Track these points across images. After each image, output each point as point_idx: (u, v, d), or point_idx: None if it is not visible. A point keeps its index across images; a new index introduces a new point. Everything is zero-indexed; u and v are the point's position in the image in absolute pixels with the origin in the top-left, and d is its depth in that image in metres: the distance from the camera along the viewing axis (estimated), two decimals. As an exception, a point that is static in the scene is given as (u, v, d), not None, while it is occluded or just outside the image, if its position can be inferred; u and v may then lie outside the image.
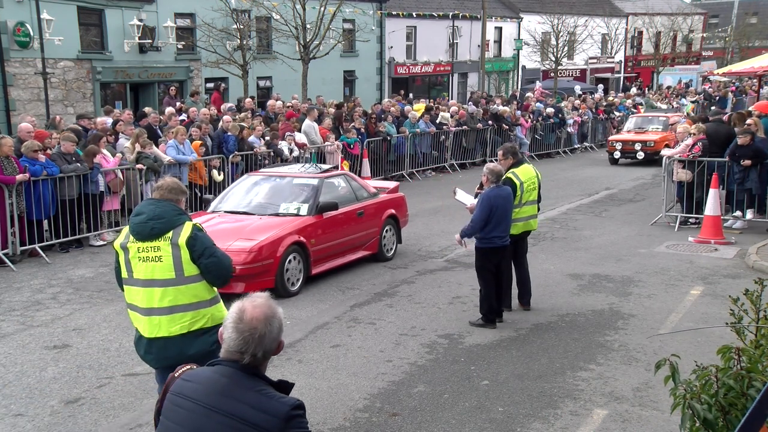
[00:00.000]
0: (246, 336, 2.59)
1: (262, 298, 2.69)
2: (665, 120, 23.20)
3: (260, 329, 2.61)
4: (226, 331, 2.64)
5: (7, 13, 21.55)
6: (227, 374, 2.61)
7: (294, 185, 10.60)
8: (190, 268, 4.70)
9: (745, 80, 38.81)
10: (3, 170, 10.64)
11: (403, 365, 7.00)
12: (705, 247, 11.70)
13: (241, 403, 2.55)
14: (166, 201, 4.81)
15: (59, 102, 23.13)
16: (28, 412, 6.11)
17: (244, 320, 2.61)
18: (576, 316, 8.43)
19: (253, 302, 2.66)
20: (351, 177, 11.36)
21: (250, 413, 2.53)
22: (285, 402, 2.60)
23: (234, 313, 2.64)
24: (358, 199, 10.80)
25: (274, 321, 2.66)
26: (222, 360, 2.65)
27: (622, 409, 6.04)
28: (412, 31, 37.36)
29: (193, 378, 2.69)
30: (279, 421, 2.53)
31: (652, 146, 22.04)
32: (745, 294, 3.31)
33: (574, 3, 44.81)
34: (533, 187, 8.65)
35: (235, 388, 2.58)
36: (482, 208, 7.86)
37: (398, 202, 11.71)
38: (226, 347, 2.63)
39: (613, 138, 23.97)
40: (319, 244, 9.78)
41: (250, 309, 2.63)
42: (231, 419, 2.53)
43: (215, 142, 14.62)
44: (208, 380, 2.62)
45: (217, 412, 2.55)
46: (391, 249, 11.23)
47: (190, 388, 2.65)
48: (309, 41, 24.52)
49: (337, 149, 16.94)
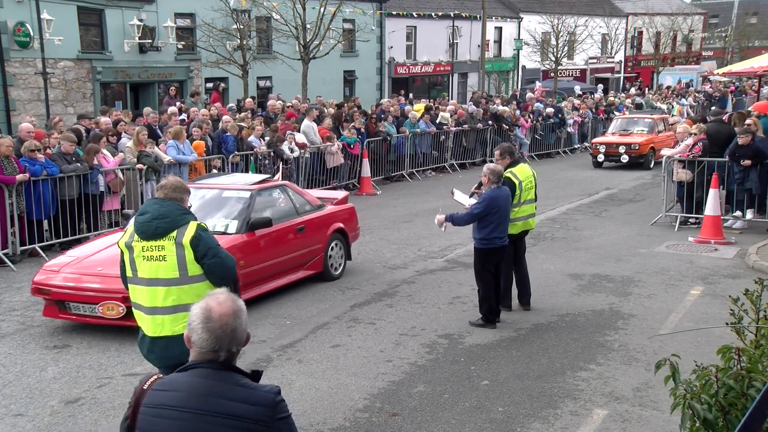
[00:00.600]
0: (219, 333, 2.59)
1: (224, 295, 2.70)
2: (651, 122, 22.86)
3: (231, 324, 2.62)
4: (194, 334, 2.62)
5: (7, 13, 21.55)
6: (207, 375, 2.60)
7: (223, 199, 9.36)
8: (194, 267, 4.71)
9: (745, 80, 38.81)
10: (3, 170, 10.64)
11: (403, 365, 7.01)
12: (705, 247, 11.70)
13: (228, 401, 2.56)
14: (171, 200, 4.82)
15: (59, 102, 23.14)
16: (28, 412, 6.11)
17: (213, 318, 2.61)
18: (576, 316, 8.43)
19: (217, 300, 2.66)
20: (291, 188, 10.20)
21: (240, 408, 2.55)
22: (268, 390, 2.63)
23: (200, 314, 2.63)
24: (299, 213, 9.69)
25: (241, 314, 2.68)
26: (196, 363, 2.63)
27: (622, 409, 6.04)
28: (412, 31, 37.36)
29: (170, 386, 2.63)
30: (268, 409, 2.57)
31: (636, 149, 21.57)
32: (745, 294, 3.31)
33: (574, 3, 44.81)
34: (531, 186, 8.66)
35: (219, 387, 2.58)
36: (484, 206, 7.85)
37: (347, 214, 10.66)
38: (199, 349, 2.62)
39: (597, 140, 23.16)
40: (249, 266, 8.59)
41: (216, 306, 2.63)
42: (222, 418, 2.54)
43: (215, 142, 14.63)
44: (189, 385, 2.59)
45: (207, 414, 2.54)
46: (338, 267, 10.20)
47: (170, 396, 2.59)
48: (309, 41, 24.53)
49: (338, 149, 16.94)
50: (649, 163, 21.62)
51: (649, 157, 21.63)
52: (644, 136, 21.99)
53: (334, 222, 10.22)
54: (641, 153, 21.48)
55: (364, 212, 15.08)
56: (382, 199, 16.86)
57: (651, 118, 23.34)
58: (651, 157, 21.64)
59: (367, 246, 12.06)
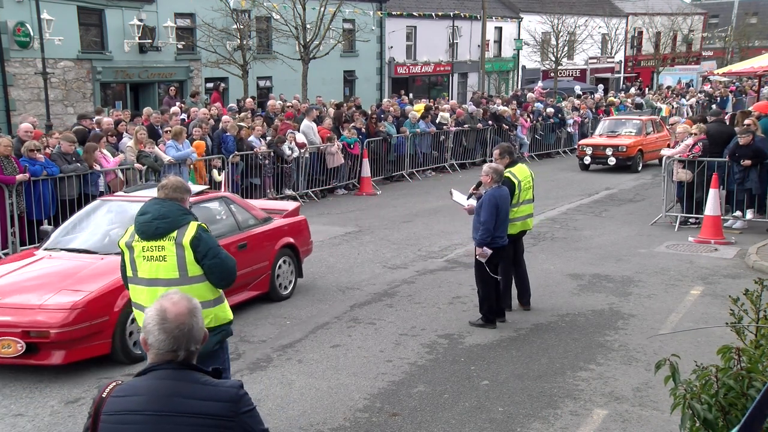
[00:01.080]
0: (176, 333, 2.59)
1: (177, 295, 2.70)
2: (639, 124, 22.13)
3: (188, 323, 2.62)
4: (151, 336, 2.60)
5: (7, 13, 21.56)
6: (168, 376, 2.58)
7: None
8: (194, 268, 4.71)
9: (745, 80, 38.82)
10: (3, 170, 10.64)
11: (403, 365, 7.01)
12: (705, 247, 11.70)
13: (192, 399, 2.55)
14: (171, 200, 4.82)
15: (59, 102, 23.14)
16: (28, 412, 6.11)
17: (169, 319, 2.60)
18: (576, 316, 8.43)
19: (171, 300, 2.66)
20: (233, 200, 9.10)
21: (203, 406, 2.54)
22: (230, 385, 2.63)
23: (154, 316, 2.61)
24: (241, 228, 8.69)
25: (197, 312, 2.68)
26: (154, 365, 2.61)
27: (622, 409, 6.04)
28: (412, 31, 37.37)
29: (130, 391, 2.60)
30: (231, 404, 2.56)
31: (624, 151, 20.87)
32: (745, 294, 3.31)
33: (574, 3, 44.82)
34: (529, 186, 8.67)
35: (181, 387, 2.57)
36: (490, 209, 7.81)
37: (297, 227, 9.76)
38: (156, 350, 2.60)
39: (583, 142, 22.25)
40: None
41: (171, 307, 2.62)
42: (187, 417, 2.53)
43: (215, 142, 14.63)
44: (150, 388, 2.57)
45: (172, 415, 2.53)
46: (288, 286, 9.32)
47: (131, 401, 2.57)
48: (309, 41, 24.54)
49: (338, 149, 16.95)
50: (637, 165, 21.06)
51: (637, 160, 21.10)
52: (632, 138, 21.34)
53: (282, 237, 9.32)
54: (629, 155, 20.87)
55: (364, 212, 15.10)
56: (382, 199, 16.86)
57: (639, 120, 22.63)
58: (639, 160, 21.16)
59: (367, 246, 12.06)
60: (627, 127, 22.20)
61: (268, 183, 15.58)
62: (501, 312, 8.30)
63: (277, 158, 15.53)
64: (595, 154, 21.18)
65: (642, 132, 21.66)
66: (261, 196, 15.53)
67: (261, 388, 6.51)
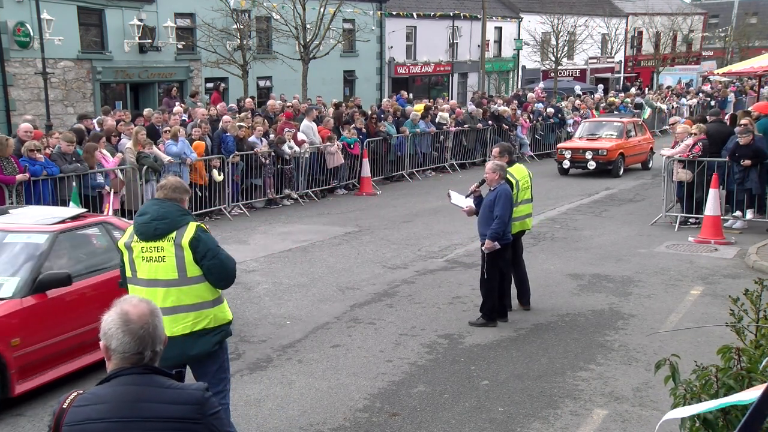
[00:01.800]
0: (141, 333, 2.56)
1: (135, 298, 2.69)
2: (620, 126, 20.92)
3: (151, 322, 2.60)
4: (114, 340, 2.56)
5: (7, 13, 21.56)
6: (132, 381, 2.55)
7: (6, 245, 6.68)
8: (193, 269, 4.71)
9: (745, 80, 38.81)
10: (3, 170, 10.64)
11: (403, 365, 7.01)
12: (705, 247, 11.70)
13: (157, 404, 2.53)
14: (170, 201, 4.81)
15: (59, 102, 23.14)
16: (28, 412, 6.11)
17: (133, 320, 2.57)
18: (576, 316, 8.43)
19: (131, 303, 2.64)
20: (116, 225, 7.39)
21: (170, 410, 2.52)
22: (196, 388, 2.62)
23: (116, 320, 2.57)
24: None
25: (158, 313, 2.66)
26: (118, 371, 2.57)
27: (622, 409, 6.04)
28: (412, 31, 37.36)
29: (93, 400, 2.55)
30: (198, 407, 2.56)
31: (604, 155, 19.78)
32: (745, 294, 3.31)
33: (574, 3, 44.82)
34: (527, 185, 8.67)
35: (147, 392, 2.54)
36: (506, 202, 7.83)
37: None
38: (121, 354, 2.56)
39: (562, 145, 21.06)
40: (31, 343, 6.17)
41: (131, 309, 2.60)
42: (153, 423, 2.51)
43: (215, 142, 14.63)
44: (115, 394, 2.53)
45: (139, 420, 2.50)
46: None
47: (95, 410, 2.51)
48: (309, 41, 24.54)
49: (338, 149, 16.95)
50: (618, 169, 19.98)
51: (618, 164, 20.02)
52: (613, 141, 20.18)
53: None
54: (609, 159, 19.78)
55: (364, 212, 15.10)
56: (382, 199, 16.86)
57: (620, 122, 21.38)
58: (620, 164, 20.10)
59: (367, 246, 12.06)
60: (608, 129, 21.15)
61: (268, 183, 15.59)
62: (503, 311, 8.31)
63: (278, 158, 15.53)
64: (574, 158, 20.17)
65: (623, 134, 20.65)
66: (262, 196, 15.55)
67: (261, 388, 6.51)
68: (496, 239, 7.82)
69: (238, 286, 9.39)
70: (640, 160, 21.42)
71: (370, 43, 33.28)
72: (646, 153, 21.60)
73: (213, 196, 14.41)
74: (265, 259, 11.21)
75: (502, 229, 7.82)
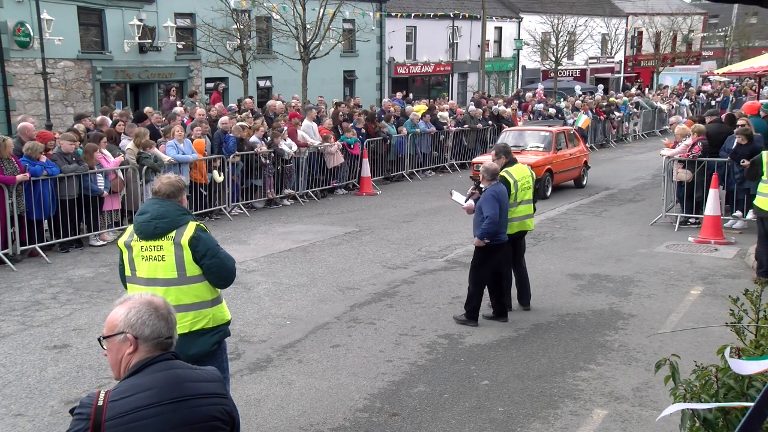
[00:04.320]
0: (170, 318, 2.74)
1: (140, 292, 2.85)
2: (548, 137, 17.35)
3: (172, 310, 2.79)
4: (147, 328, 2.67)
5: (7, 13, 21.56)
6: (169, 366, 2.69)
7: None
8: (193, 268, 4.70)
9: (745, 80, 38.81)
10: (3, 170, 10.64)
11: (403, 365, 7.01)
12: (705, 247, 11.70)
13: (198, 383, 2.69)
14: (170, 200, 4.81)
15: (59, 102, 23.14)
16: (28, 412, 6.11)
17: (160, 306, 2.74)
18: (576, 316, 8.43)
19: (143, 295, 2.79)
20: None
21: (207, 387, 2.71)
22: (211, 368, 2.86)
23: (145, 309, 2.70)
24: None
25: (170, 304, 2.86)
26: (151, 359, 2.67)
27: (622, 409, 6.04)
28: (412, 31, 37.37)
29: (133, 390, 2.59)
30: (221, 384, 2.78)
31: None
32: (745, 294, 3.31)
33: (574, 3, 44.82)
34: (528, 186, 8.66)
35: (185, 373, 2.70)
36: (491, 202, 7.89)
37: None
38: (155, 340, 2.68)
39: (477, 160, 17.16)
40: None
41: (151, 298, 2.76)
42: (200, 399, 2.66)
43: (215, 142, 14.62)
44: (157, 380, 2.62)
45: (187, 398, 2.63)
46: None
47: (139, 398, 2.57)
48: (309, 41, 24.55)
49: (338, 149, 16.95)
50: (544, 190, 16.29)
51: (546, 183, 16.42)
52: (539, 155, 16.59)
53: None
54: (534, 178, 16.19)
55: (364, 212, 15.10)
56: (382, 199, 16.86)
57: (548, 131, 17.65)
58: (548, 183, 16.58)
59: (367, 246, 12.06)
60: (533, 140, 17.57)
61: (269, 183, 15.58)
62: (503, 311, 8.32)
63: (278, 159, 15.53)
64: None
65: (551, 147, 17.08)
66: (262, 196, 15.55)
67: (261, 388, 6.51)
68: (485, 236, 7.91)
69: (238, 286, 9.39)
70: (572, 176, 18.05)
71: (370, 43, 33.29)
72: (580, 168, 18.18)
73: (213, 196, 14.40)
74: (265, 259, 11.21)
75: (493, 228, 7.88)
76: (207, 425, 2.65)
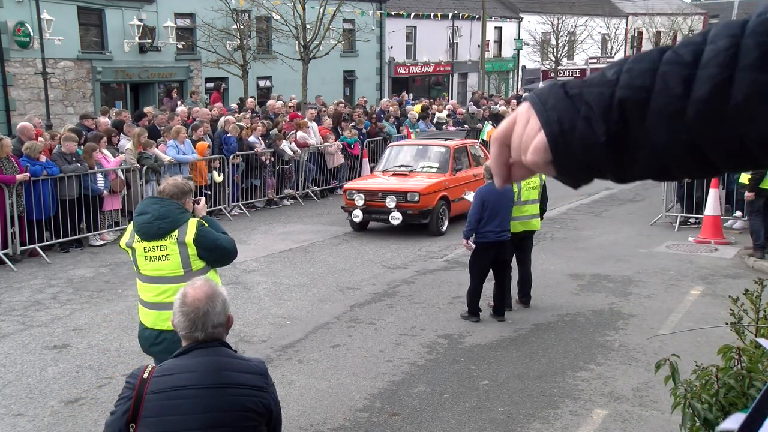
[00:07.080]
0: (192, 316, 2.81)
1: (201, 280, 2.96)
2: (444, 153, 13.42)
3: (202, 308, 2.83)
4: (175, 318, 2.85)
5: (7, 13, 21.55)
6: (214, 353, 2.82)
7: None
8: (198, 263, 4.79)
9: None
10: (3, 170, 10.64)
11: (403, 365, 7.00)
12: (705, 247, 11.70)
13: (237, 372, 2.81)
14: (170, 200, 4.83)
15: (59, 102, 23.13)
16: (28, 412, 6.11)
17: (187, 302, 2.84)
18: (576, 316, 8.43)
19: (193, 285, 2.90)
20: None
21: (246, 378, 2.83)
22: (257, 359, 3.00)
23: (178, 299, 2.86)
24: None
25: (216, 297, 2.89)
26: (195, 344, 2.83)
27: (622, 409, 6.04)
28: (412, 31, 37.36)
29: (176, 369, 2.78)
30: (264, 377, 2.92)
31: (416, 202, 12.38)
32: (745, 294, 3.31)
33: (574, 3, 44.83)
34: (533, 186, 8.65)
35: (225, 362, 2.82)
36: (474, 205, 8.12)
37: None
38: (178, 331, 2.86)
39: (351, 185, 13.41)
40: None
41: (191, 291, 2.87)
42: (236, 388, 2.78)
43: (216, 142, 14.61)
44: (199, 364, 2.77)
45: (223, 386, 2.75)
46: None
47: (180, 378, 2.74)
48: (309, 41, 24.53)
49: (338, 149, 16.94)
50: (438, 223, 12.71)
51: (439, 214, 12.72)
52: (432, 179, 12.93)
53: None
54: (423, 208, 12.42)
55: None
56: (382, 199, 16.84)
57: (445, 146, 13.59)
58: (442, 214, 12.81)
59: (367, 246, 12.06)
60: (426, 158, 13.63)
61: (269, 184, 15.57)
62: (501, 311, 8.33)
63: (278, 159, 15.52)
64: (369, 206, 12.68)
65: (448, 167, 13.23)
66: (262, 196, 15.54)
67: (261, 388, 6.51)
68: (466, 237, 8.13)
69: (238, 286, 9.40)
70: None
71: (370, 43, 33.27)
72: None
73: (213, 196, 14.40)
74: (265, 259, 11.21)
75: (469, 228, 8.08)
76: (240, 414, 2.76)
